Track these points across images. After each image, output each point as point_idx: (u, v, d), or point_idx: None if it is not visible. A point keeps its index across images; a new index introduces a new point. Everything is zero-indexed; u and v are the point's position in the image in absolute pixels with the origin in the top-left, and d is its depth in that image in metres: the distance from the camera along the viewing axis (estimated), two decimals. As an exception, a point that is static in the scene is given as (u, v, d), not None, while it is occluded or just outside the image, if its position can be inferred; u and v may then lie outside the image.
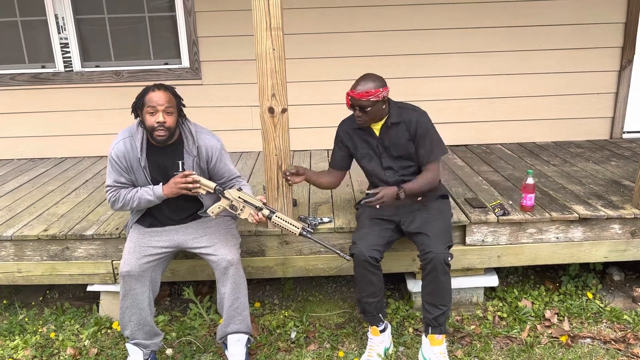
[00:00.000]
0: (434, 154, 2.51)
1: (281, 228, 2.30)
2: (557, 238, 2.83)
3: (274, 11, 2.39)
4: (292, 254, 2.84)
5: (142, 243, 2.41)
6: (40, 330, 2.84)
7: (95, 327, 2.81)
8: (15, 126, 4.33)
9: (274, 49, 2.44)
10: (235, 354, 2.40)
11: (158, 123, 2.27)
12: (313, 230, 2.34)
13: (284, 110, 2.54)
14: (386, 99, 2.45)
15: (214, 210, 2.36)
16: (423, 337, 2.44)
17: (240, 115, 4.27)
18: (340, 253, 2.31)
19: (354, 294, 3.10)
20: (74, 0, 4.09)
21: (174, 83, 3.50)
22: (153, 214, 2.49)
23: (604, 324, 2.77)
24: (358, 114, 2.43)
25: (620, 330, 2.70)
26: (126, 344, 2.44)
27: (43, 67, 4.24)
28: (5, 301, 3.14)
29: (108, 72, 4.21)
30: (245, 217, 2.33)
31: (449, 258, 2.34)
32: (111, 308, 2.90)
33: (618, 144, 4.24)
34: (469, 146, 4.37)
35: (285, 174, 2.61)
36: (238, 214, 2.34)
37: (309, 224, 2.77)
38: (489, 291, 3.04)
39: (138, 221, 2.52)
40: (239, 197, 2.33)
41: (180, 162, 2.42)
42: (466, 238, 2.81)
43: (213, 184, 2.34)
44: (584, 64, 4.24)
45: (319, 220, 2.81)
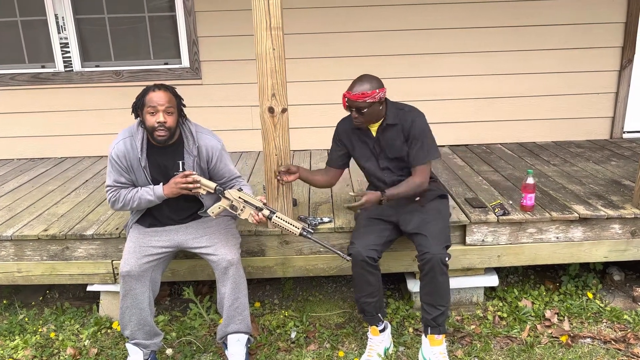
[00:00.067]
0: (423, 157, 2.46)
1: (281, 228, 2.30)
2: (557, 238, 2.83)
3: (274, 11, 2.39)
4: (292, 253, 2.84)
5: (142, 243, 2.41)
6: (40, 330, 2.84)
7: (95, 327, 2.81)
8: (15, 126, 4.33)
9: (274, 49, 2.44)
10: (236, 354, 2.40)
11: (158, 123, 2.27)
12: (313, 231, 2.34)
13: (284, 110, 2.54)
14: (383, 100, 2.43)
15: (214, 211, 2.36)
16: (423, 337, 2.44)
17: (240, 115, 4.27)
18: (340, 253, 2.31)
19: (353, 293, 3.10)
20: (74, 0, 4.09)
21: (174, 83, 3.50)
22: (153, 213, 2.49)
23: (604, 323, 2.77)
24: (355, 115, 2.41)
25: (620, 330, 2.70)
26: (126, 344, 2.44)
27: (43, 67, 4.24)
28: (5, 301, 3.14)
29: (108, 72, 4.21)
30: (245, 218, 2.33)
31: (446, 258, 2.33)
32: (111, 308, 2.90)
33: (618, 144, 4.24)
34: (469, 146, 4.37)
35: (276, 174, 2.60)
36: (238, 214, 2.33)
37: (309, 224, 2.77)
38: (489, 291, 3.04)
39: (138, 221, 2.52)
40: (240, 198, 2.33)
41: (180, 162, 2.41)
42: (466, 238, 2.81)
43: (213, 184, 2.33)
44: (584, 64, 4.24)
45: (319, 220, 2.81)
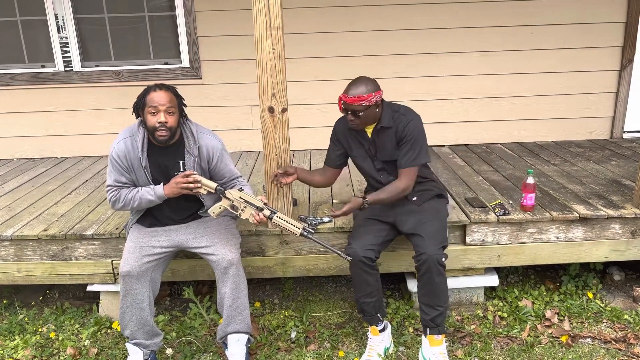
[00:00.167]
0: (410, 161, 2.44)
1: (282, 228, 2.30)
2: (558, 238, 2.83)
3: (274, 11, 2.39)
4: (292, 253, 2.84)
5: (143, 243, 2.41)
6: (40, 330, 2.84)
7: (95, 327, 2.81)
8: (15, 126, 4.32)
9: (274, 49, 2.44)
10: (236, 354, 2.40)
11: (160, 123, 2.27)
12: (314, 231, 2.33)
13: (284, 110, 2.54)
14: (379, 103, 2.41)
15: (215, 211, 2.36)
16: (423, 338, 2.44)
17: (240, 115, 4.27)
18: (340, 253, 2.31)
19: (353, 293, 3.10)
20: (73, 0, 4.08)
21: (174, 83, 3.48)
22: (153, 213, 2.49)
23: (605, 323, 2.77)
24: (351, 118, 2.40)
25: (620, 330, 2.70)
26: (126, 344, 2.44)
27: (43, 67, 4.24)
28: (5, 301, 3.14)
29: (108, 72, 4.21)
30: (246, 218, 2.33)
31: (442, 258, 2.32)
32: (111, 308, 2.90)
33: (618, 144, 4.24)
34: (469, 146, 4.37)
35: (273, 177, 2.60)
36: (239, 214, 2.33)
37: (309, 224, 2.76)
38: (489, 291, 3.04)
39: (138, 221, 2.52)
40: (240, 198, 2.33)
41: (181, 162, 2.41)
42: (466, 238, 2.81)
43: (214, 184, 2.33)
44: (584, 64, 4.24)
45: (319, 220, 2.81)
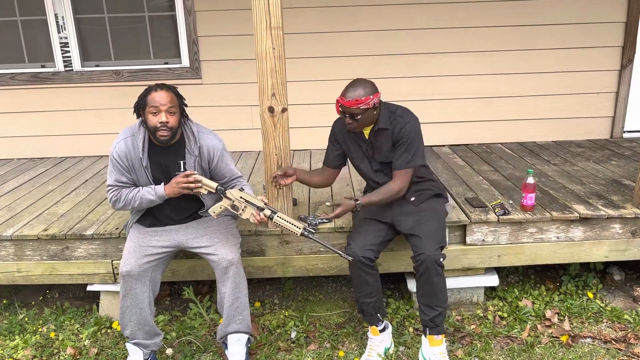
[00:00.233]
0: (405, 163, 2.43)
1: (282, 228, 2.30)
2: (558, 238, 2.83)
3: (274, 10, 2.39)
4: (292, 253, 2.84)
5: (143, 243, 2.41)
6: (40, 330, 2.84)
7: (95, 327, 2.81)
8: (15, 126, 4.32)
9: (274, 49, 2.44)
10: (236, 354, 2.40)
11: (161, 123, 2.27)
12: (314, 231, 2.33)
13: (284, 110, 2.54)
14: (377, 105, 2.41)
15: (215, 211, 2.36)
16: (423, 338, 2.44)
17: (240, 115, 4.27)
18: (340, 253, 2.31)
19: (353, 293, 3.10)
20: (73, 0, 4.08)
21: (174, 82, 3.48)
22: (153, 213, 2.49)
23: (605, 323, 2.77)
24: (348, 121, 2.40)
25: (620, 330, 2.70)
26: (126, 344, 2.44)
27: (43, 67, 4.23)
28: (5, 301, 3.14)
29: (108, 72, 4.21)
30: (246, 217, 2.33)
31: (441, 259, 2.32)
32: (111, 308, 2.90)
33: (618, 144, 4.24)
34: (469, 145, 4.37)
35: (273, 179, 2.60)
36: (240, 214, 2.33)
37: (309, 224, 2.76)
38: (490, 291, 3.04)
39: (138, 221, 2.52)
40: (241, 197, 2.33)
41: (181, 162, 2.41)
42: (466, 238, 2.81)
43: (215, 184, 2.33)
44: (584, 64, 4.24)
45: (320, 220, 2.80)
